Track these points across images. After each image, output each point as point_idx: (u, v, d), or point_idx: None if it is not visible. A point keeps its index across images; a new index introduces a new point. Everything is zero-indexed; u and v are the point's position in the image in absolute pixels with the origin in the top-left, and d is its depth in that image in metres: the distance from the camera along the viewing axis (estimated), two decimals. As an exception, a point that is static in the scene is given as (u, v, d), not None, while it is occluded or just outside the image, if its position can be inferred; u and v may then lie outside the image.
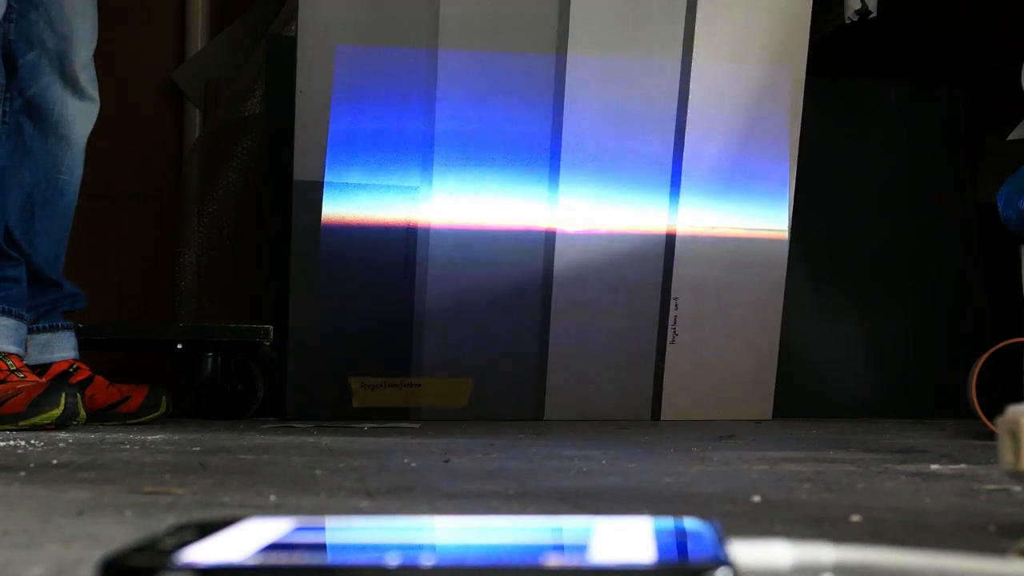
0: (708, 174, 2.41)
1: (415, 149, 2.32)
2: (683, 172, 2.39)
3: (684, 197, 2.39)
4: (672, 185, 2.39)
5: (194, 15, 2.95)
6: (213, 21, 2.98)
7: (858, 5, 2.39)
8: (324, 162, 2.31)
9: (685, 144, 2.39)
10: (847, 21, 2.42)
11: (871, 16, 2.39)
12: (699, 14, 2.38)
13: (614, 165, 2.37)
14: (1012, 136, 2.23)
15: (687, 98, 2.39)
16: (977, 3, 2.56)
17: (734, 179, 2.42)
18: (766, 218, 2.44)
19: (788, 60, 2.44)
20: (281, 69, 2.46)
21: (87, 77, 1.87)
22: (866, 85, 2.87)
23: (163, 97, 2.96)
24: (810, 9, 2.43)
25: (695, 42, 2.39)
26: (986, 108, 3.06)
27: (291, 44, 2.36)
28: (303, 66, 2.29)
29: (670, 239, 2.39)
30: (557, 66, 2.35)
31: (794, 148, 2.44)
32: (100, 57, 1.96)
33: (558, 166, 2.35)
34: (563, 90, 2.35)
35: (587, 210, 2.37)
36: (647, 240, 2.38)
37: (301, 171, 2.29)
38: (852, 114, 2.85)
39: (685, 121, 2.39)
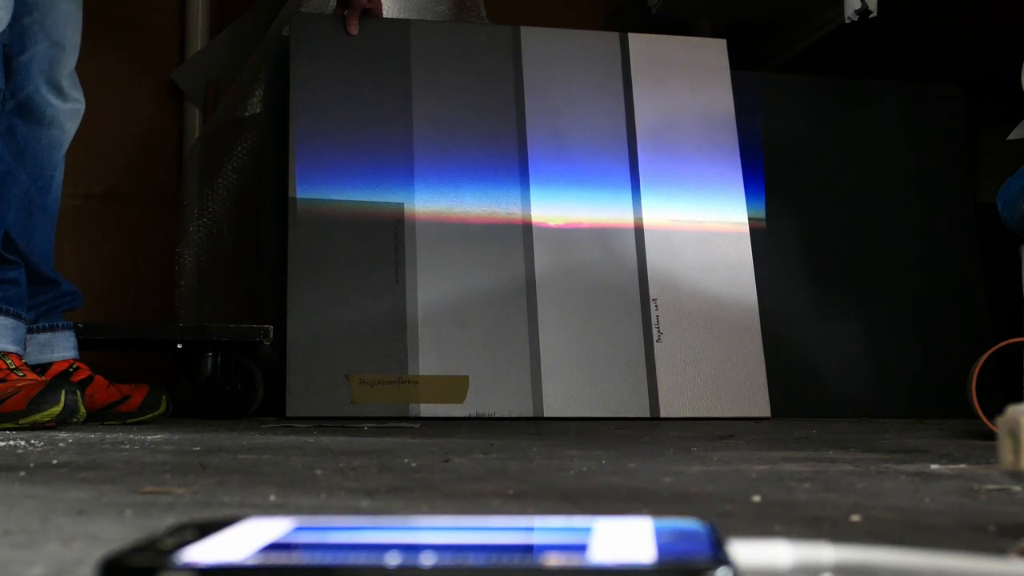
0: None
1: (398, 152, 2.38)
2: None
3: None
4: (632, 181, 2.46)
5: (194, 15, 2.95)
6: (213, 21, 2.98)
7: (858, 5, 2.39)
8: (301, 171, 2.32)
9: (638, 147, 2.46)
10: (847, 21, 2.42)
11: (871, 16, 2.39)
12: None
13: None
14: (1012, 136, 2.23)
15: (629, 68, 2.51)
16: (977, 3, 2.56)
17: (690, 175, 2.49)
18: (726, 211, 2.50)
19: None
20: (281, 69, 2.47)
21: (69, 83, 1.88)
22: (866, 85, 2.87)
23: (163, 97, 2.96)
24: None
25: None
26: (986, 108, 3.06)
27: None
28: (296, 89, 2.30)
29: (638, 232, 2.43)
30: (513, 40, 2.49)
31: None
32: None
33: (527, 163, 2.41)
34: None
35: (558, 205, 2.42)
36: (618, 234, 2.43)
37: (297, 180, 2.31)
38: (852, 114, 2.85)
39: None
